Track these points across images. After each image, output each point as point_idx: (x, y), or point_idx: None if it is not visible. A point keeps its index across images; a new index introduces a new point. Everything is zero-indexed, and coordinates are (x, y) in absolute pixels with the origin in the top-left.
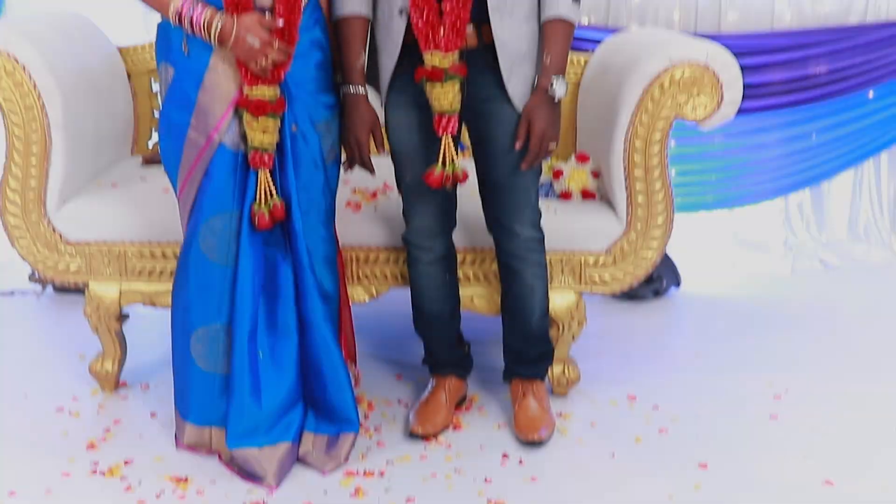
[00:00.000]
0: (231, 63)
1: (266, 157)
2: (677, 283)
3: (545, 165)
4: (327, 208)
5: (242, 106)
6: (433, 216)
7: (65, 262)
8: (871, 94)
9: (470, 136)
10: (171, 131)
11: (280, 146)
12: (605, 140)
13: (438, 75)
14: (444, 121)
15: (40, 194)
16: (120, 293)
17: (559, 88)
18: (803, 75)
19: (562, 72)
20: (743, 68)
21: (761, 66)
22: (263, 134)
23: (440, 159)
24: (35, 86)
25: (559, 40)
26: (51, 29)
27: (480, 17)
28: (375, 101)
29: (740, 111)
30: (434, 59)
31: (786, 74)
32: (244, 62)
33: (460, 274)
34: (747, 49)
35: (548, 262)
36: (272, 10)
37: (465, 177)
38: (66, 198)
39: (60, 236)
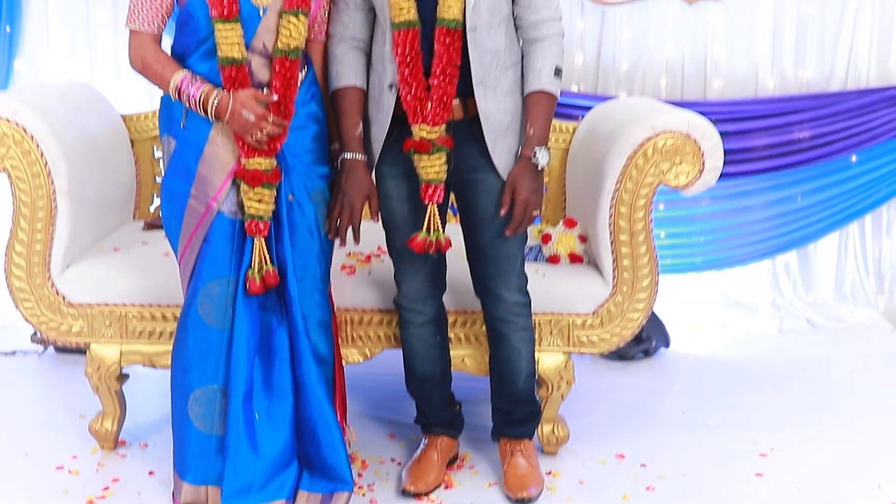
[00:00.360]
0: (229, 136)
1: (262, 226)
2: (666, 344)
3: (534, 229)
4: (322, 274)
5: (240, 176)
6: (423, 280)
7: (67, 323)
8: (854, 158)
9: (457, 203)
10: (172, 200)
11: (277, 214)
12: (592, 205)
13: (426, 147)
14: (430, 190)
15: (45, 258)
16: (120, 354)
17: (542, 158)
18: (787, 140)
19: (544, 142)
20: (728, 134)
21: (746, 132)
22: (259, 203)
23: (424, 226)
24: (42, 154)
25: (541, 112)
26: (57, 99)
27: (466, 90)
28: None
29: (727, 175)
30: (422, 131)
31: (770, 139)
32: (240, 135)
33: (451, 335)
34: (732, 115)
35: (536, 323)
36: (269, 85)
37: (449, 244)
38: (69, 261)
39: (63, 299)
